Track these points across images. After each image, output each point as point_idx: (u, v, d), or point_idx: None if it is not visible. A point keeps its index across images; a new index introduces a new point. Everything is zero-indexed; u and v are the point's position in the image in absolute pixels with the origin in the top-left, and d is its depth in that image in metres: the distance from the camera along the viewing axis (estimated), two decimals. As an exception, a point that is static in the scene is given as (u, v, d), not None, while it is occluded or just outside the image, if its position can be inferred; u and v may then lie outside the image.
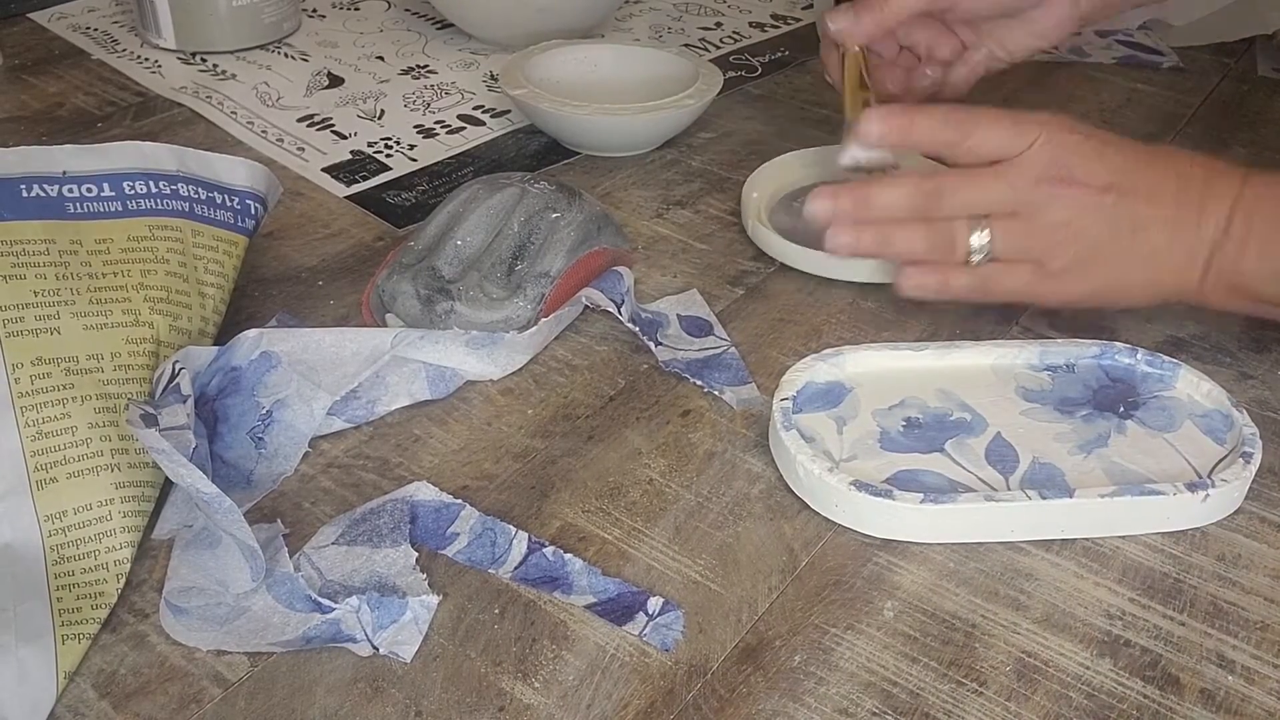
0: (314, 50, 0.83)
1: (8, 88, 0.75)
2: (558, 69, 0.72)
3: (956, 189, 0.48)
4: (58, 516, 0.40)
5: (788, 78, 0.82)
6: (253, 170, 0.52)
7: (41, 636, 0.37)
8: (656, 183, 0.66)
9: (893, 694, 0.37)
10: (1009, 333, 0.54)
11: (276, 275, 0.57)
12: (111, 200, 0.47)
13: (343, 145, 0.69)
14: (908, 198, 0.49)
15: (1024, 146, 0.47)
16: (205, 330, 0.48)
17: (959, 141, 0.48)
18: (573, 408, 0.49)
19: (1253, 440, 0.44)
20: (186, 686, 0.36)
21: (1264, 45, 0.89)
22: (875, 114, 0.49)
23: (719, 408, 0.49)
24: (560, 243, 0.52)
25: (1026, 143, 0.47)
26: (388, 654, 0.37)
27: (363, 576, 0.39)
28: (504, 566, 0.41)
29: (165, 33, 0.80)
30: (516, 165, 0.68)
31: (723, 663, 0.38)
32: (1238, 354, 0.53)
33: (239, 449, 0.45)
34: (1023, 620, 0.40)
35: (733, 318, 0.55)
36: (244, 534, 0.38)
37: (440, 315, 0.49)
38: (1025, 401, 0.47)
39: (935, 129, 0.49)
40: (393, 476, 0.45)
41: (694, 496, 0.44)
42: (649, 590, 0.40)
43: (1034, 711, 0.36)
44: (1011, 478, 0.44)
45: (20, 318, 0.42)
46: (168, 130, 0.70)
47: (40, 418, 0.41)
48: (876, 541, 0.42)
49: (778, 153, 0.66)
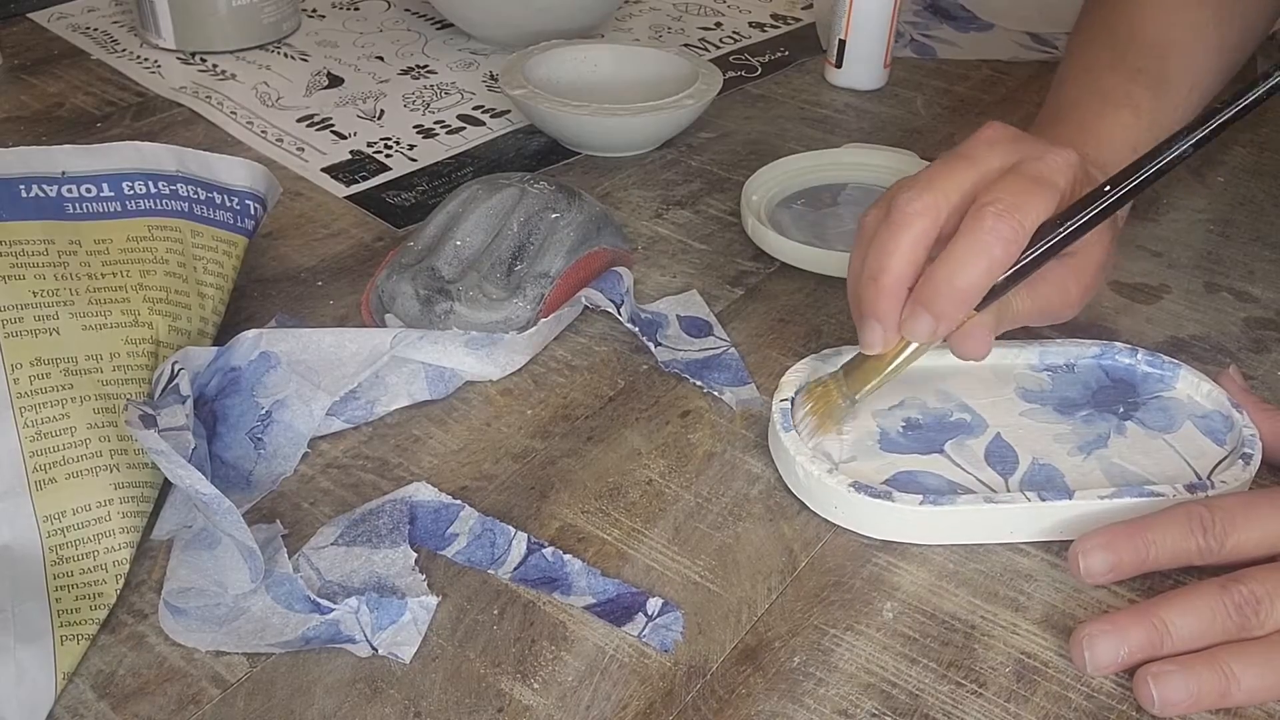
0: (314, 50, 0.83)
1: (7, 88, 0.75)
2: (558, 69, 0.72)
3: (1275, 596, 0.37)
4: (56, 517, 0.40)
5: (788, 78, 0.81)
6: (252, 170, 0.52)
7: (40, 637, 0.37)
8: (656, 183, 0.66)
9: (892, 695, 0.37)
10: (1009, 333, 0.54)
11: (276, 275, 0.57)
12: (111, 200, 0.47)
13: (342, 145, 0.69)
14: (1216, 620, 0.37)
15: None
16: (204, 330, 0.48)
17: (1216, 549, 0.39)
18: (572, 408, 0.49)
19: (1252, 442, 0.44)
20: (185, 687, 0.36)
21: (1264, 45, 0.89)
22: (1094, 542, 0.40)
23: (718, 408, 0.49)
24: (560, 243, 0.52)
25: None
26: (387, 655, 0.37)
27: (362, 577, 0.39)
28: (503, 567, 0.41)
29: (165, 33, 0.79)
30: (516, 165, 0.68)
31: (722, 664, 0.38)
32: (1238, 354, 0.53)
33: (238, 449, 0.45)
34: (1022, 621, 0.40)
35: (732, 318, 0.55)
36: (243, 535, 0.38)
37: (439, 316, 0.49)
38: (1025, 402, 0.47)
39: (1178, 542, 0.39)
40: (392, 477, 0.45)
41: (693, 497, 0.44)
42: (648, 591, 0.40)
43: (1033, 712, 0.36)
44: (1011, 479, 0.44)
45: (19, 318, 0.42)
46: (167, 130, 0.70)
47: (39, 418, 0.41)
48: (876, 542, 0.42)
49: (778, 153, 0.66)
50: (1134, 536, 0.39)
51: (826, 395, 0.45)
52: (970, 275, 0.41)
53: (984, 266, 0.41)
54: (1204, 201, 0.67)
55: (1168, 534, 0.39)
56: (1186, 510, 0.39)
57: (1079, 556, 0.40)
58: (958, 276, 0.41)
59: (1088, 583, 0.40)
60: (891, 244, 0.42)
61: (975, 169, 0.43)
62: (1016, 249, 0.42)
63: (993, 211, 0.41)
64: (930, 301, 0.42)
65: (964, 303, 0.42)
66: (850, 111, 0.77)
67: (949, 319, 0.42)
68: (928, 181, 0.43)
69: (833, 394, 0.45)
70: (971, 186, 0.43)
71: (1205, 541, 0.39)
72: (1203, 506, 0.39)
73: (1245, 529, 0.39)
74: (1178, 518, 0.39)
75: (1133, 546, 0.39)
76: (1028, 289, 0.44)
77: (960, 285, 0.41)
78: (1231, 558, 0.39)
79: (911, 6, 0.94)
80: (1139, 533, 0.39)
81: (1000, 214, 0.41)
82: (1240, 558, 0.39)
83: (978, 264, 0.41)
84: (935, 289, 0.42)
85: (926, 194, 0.42)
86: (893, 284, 0.42)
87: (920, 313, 0.42)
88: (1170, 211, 0.65)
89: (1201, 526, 0.39)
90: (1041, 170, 0.43)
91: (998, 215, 0.41)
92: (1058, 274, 0.45)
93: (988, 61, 0.85)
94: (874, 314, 0.43)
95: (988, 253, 0.41)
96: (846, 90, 0.79)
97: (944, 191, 0.43)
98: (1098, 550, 0.39)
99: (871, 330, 0.43)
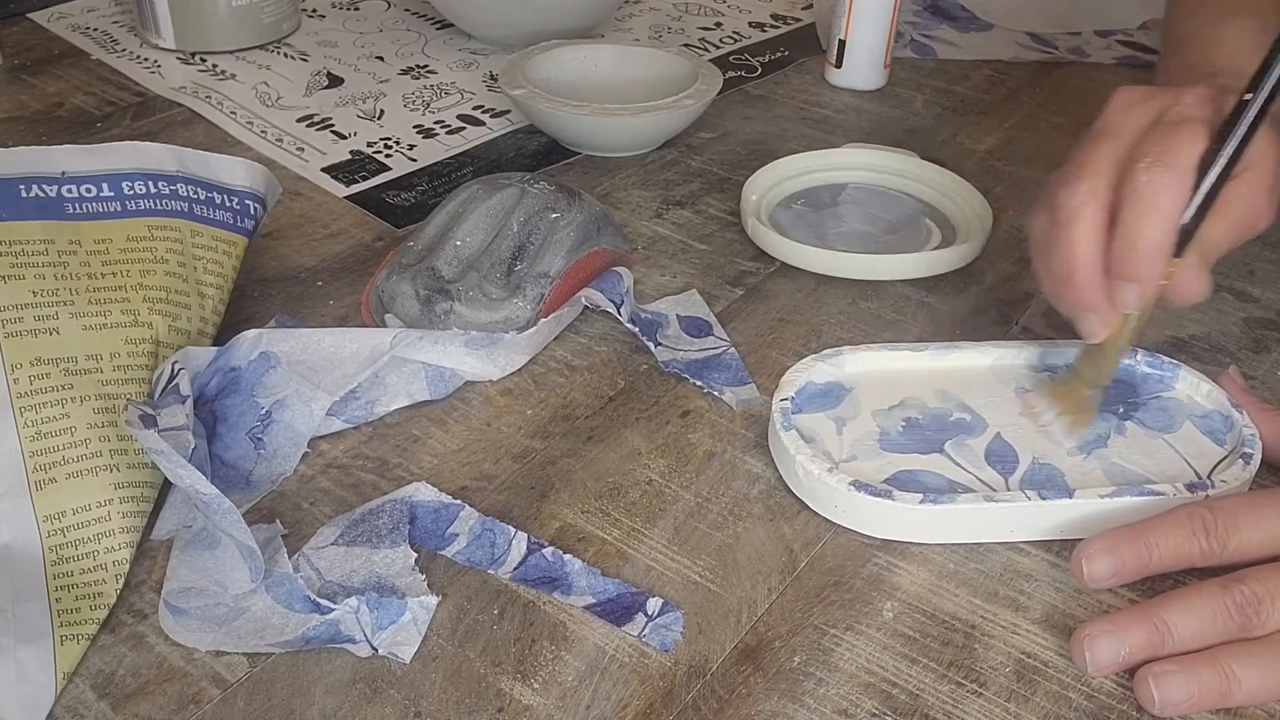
0: (313, 50, 0.83)
1: (7, 88, 0.75)
2: (558, 69, 0.72)
3: (1276, 596, 0.37)
4: (56, 517, 0.40)
5: (788, 78, 0.81)
6: (252, 170, 0.52)
7: (40, 637, 0.37)
8: (656, 183, 0.66)
9: (892, 695, 0.37)
10: (1009, 333, 0.54)
11: (276, 275, 0.57)
12: (110, 200, 0.47)
13: (342, 145, 0.69)
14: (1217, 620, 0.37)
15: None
16: (204, 330, 0.48)
17: (1219, 551, 0.39)
18: (572, 408, 0.49)
19: (1252, 441, 0.44)
20: (185, 687, 0.36)
21: (1264, 45, 0.89)
22: (1097, 547, 0.39)
23: (718, 408, 0.49)
24: (560, 243, 0.52)
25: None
26: (387, 655, 0.37)
27: (362, 577, 0.39)
28: (503, 567, 0.41)
29: (165, 33, 0.79)
30: (516, 165, 0.68)
31: (722, 663, 0.38)
32: (1238, 354, 0.53)
33: (238, 449, 0.45)
34: (1022, 621, 0.40)
35: (732, 318, 0.55)
36: (243, 534, 0.38)
37: (439, 315, 0.49)
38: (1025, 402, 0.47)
39: (1181, 544, 0.39)
40: (392, 477, 0.45)
41: (693, 497, 0.44)
42: (648, 591, 0.40)
43: (1034, 712, 0.36)
44: (1011, 478, 0.44)
45: (19, 318, 0.42)
46: (167, 130, 0.70)
47: (39, 418, 0.41)
48: (876, 542, 0.42)
49: (778, 153, 0.66)
50: (1136, 540, 0.39)
51: (1073, 393, 0.46)
52: (1149, 233, 0.42)
53: (1158, 221, 0.42)
54: (1204, 201, 0.67)
55: (1170, 537, 0.39)
56: (1188, 513, 0.39)
57: (1082, 561, 0.40)
58: (1139, 239, 0.42)
59: (1091, 587, 0.40)
60: (1068, 243, 0.43)
61: (1118, 139, 0.44)
62: (1182, 190, 0.42)
63: (1144, 167, 0.42)
64: (1126, 272, 0.43)
65: (1155, 260, 0.42)
66: (850, 111, 0.77)
67: (1149, 279, 0.43)
68: (1079, 169, 0.44)
69: (1079, 389, 0.46)
70: (1122, 156, 0.43)
71: (1208, 544, 0.39)
72: (1204, 509, 0.39)
73: (1248, 530, 0.39)
74: (1180, 520, 0.39)
75: (1135, 550, 0.39)
76: (1218, 216, 0.44)
77: (1144, 246, 0.42)
78: (1234, 559, 0.39)
79: (911, 6, 0.94)
80: (1141, 536, 0.39)
81: (1151, 166, 0.42)
82: (1243, 559, 0.39)
83: (1151, 221, 0.42)
84: (1124, 259, 0.42)
85: (1082, 182, 0.43)
86: (1086, 277, 0.43)
87: (1122, 286, 0.43)
88: (1170, 211, 0.65)
89: (1204, 529, 0.39)
90: (1178, 112, 0.43)
91: (1149, 168, 0.42)
92: (1241, 191, 0.45)
93: (988, 61, 0.85)
94: (1083, 307, 0.44)
95: (1155, 205, 0.42)
96: (846, 90, 0.79)
97: (1097, 172, 0.43)
98: (1101, 554, 0.39)
99: (1089, 321, 0.44)
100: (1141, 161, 0.42)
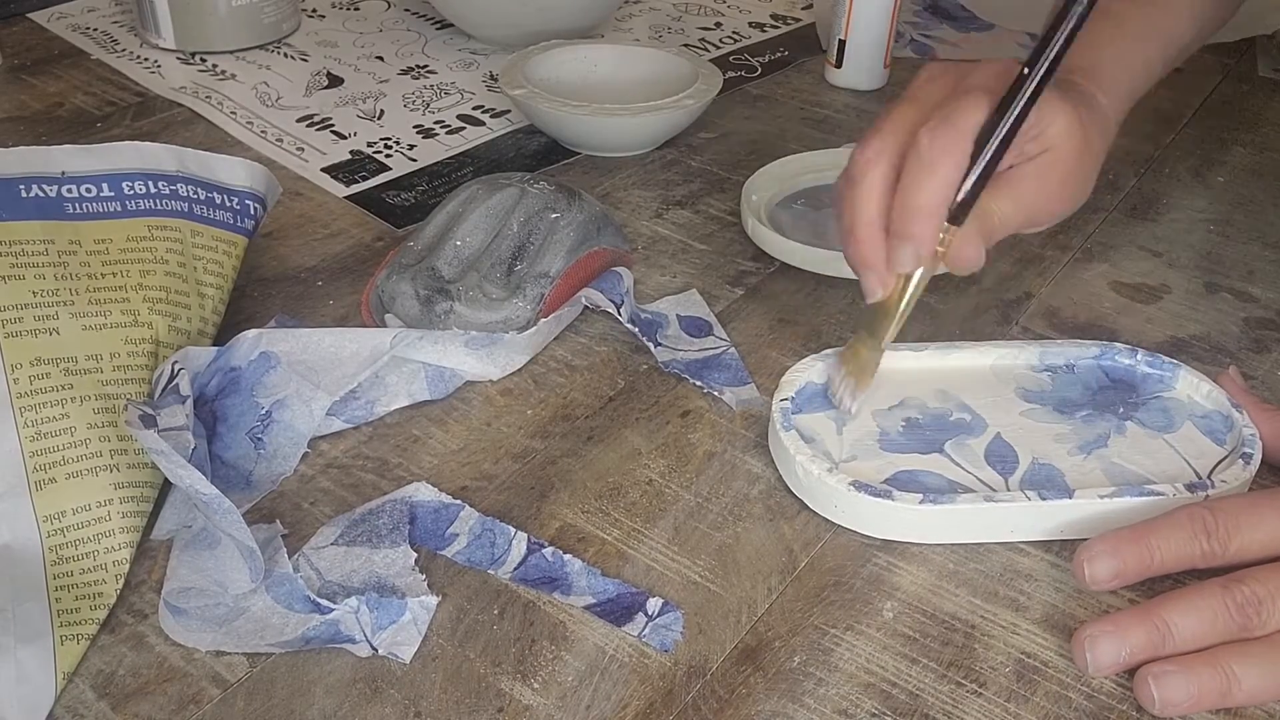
0: (313, 50, 0.83)
1: (7, 88, 0.75)
2: (558, 69, 0.72)
3: (1276, 596, 0.37)
4: (56, 517, 0.40)
5: (788, 78, 0.81)
6: (252, 170, 0.52)
7: (40, 637, 0.37)
8: (656, 183, 0.66)
9: (892, 695, 0.37)
10: (1009, 333, 0.54)
11: (276, 275, 0.57)
12: (111, 200, 0.47)
13: (342, 145, 0.69)
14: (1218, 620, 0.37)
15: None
16: (204, 330, 0.48)
17: (1220, 553, 0.39)
18: (572, 408, 0.49)
19: (1253, 441, 0.44)
20: (185, 687, 0.36)
21: (1264, 45, 0.89)
22: (1099, 549, 0.39)
23: (718, 408, 0.49)
24: (560, 243, 0.52)
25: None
26: (387, 655, 0.37)
27: (362, 577, 0.39)
28: (503, 567, 0.41)
29: (165, 33, 0.79)
30: (516, 165, 0.68)
31: (722, 663, 0.38)
32: (1238, 354, 0.53)
33: (238, 449, 0.45)
34: (1022, 621, 0.40)
35: (732, 318, 0.55)
36: (243, 535, 0.38)
37: (439, 315, 0.49)
38: (1025, 402, 0.47)
39: (1182, 546, 0.39)
40: (392, 477, 0.45)
41: (693, 497, 0.44)
42: (648, 591, 0.40)
43: (1033, 712, 0.36)
44: (1011, 478, 0.44)
45: (19, 318, 0.42)
46: (167, 130, 0.70)
47: (39, 418, 0.41)
48: (876, 542, 0.42)
49: (778, 153, 0.66)
50: (1138, 542, 0.39)
51: (855, 354, 0.47)
52: (925, 191, 0.43)
53: (933, 181, 0.43)
54: (1204, 201, 0.67)
55: (1172, 539, 0.39)
56: (1190, 514, 0.39)
57: (1084, 563, 0.39)
58: (913, 196, 0.43)
59: (1093, 589, 0.40)
60: (852, 199, 0.45)
61: (916, 106, 0.45)
62: (959, 155, 0.43)
63: (926, 129, 0.43)
64: (900, 229, 0.44)
65: (929, 218, 0.43)
66: (850, 111, 0.77)
67: (924, 240, 0.43)
68: (875, 130, 0.45)
69: (860, 350, 0.46)
70: (917, 121, 0.44)
71: (1209, 545, 0.39)
72: (1206, 510, 0.39)
73: (1249, 532, 0.39)
74: (1181, 522, 0.39)
75: (1137, 552, 0.39)
76: (1007, 194, 0.45)
77: (919, 203, 0.43)
78: (1235, 560, 0.39)
79: (911, 6, 0.94)
80: (1143, 538, 0.39)
81: (932, 129, 0.43)
82: (1244, 560, 0.39)
83: (928, 179, 0.43)
84: (899, 216, 0.44)
85: (874, 140, 0.45)
86: (866, 231, 0.44)
87: (897, 244, 0.44)
88: (1170, 211, 0.65)
89: (1205, 530, 0.39)
90: (969, 83, 0.44)
91: (930, 130, 0.43)
92: (1033, 173, 0.46)
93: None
94: (861, 263, 0.45)
95: (931, 166, 0.43)
96: (846, 90, 0.79)
97: (890, 133, 0.45)
98: (1102, 557, 0.39)
99: (867, 278, 0.45)
100: (924, 125, 0.43)
